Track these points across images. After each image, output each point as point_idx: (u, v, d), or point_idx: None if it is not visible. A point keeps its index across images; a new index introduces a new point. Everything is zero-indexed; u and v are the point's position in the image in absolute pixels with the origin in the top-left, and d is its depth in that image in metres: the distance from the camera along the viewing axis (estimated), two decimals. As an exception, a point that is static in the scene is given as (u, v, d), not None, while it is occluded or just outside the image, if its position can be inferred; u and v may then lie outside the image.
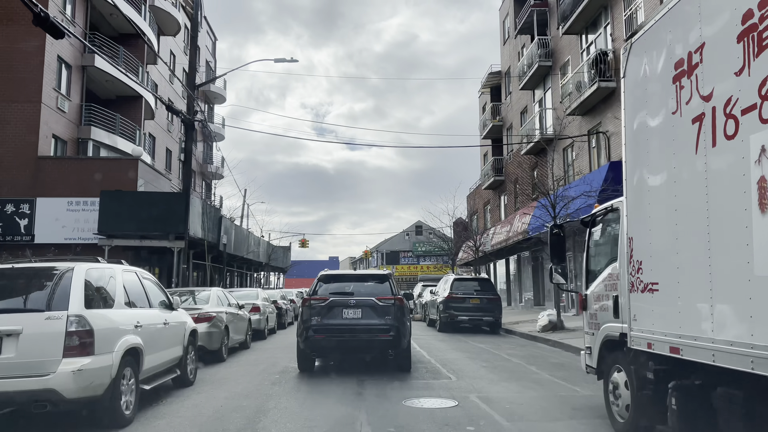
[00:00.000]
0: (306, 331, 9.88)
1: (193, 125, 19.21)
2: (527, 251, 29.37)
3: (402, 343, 9.94)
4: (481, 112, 39.94)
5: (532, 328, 18.89)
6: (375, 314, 9.84)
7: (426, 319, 23.96)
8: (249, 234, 29.49)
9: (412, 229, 78.05)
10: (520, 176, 30.52)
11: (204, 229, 21.18)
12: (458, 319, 19.52)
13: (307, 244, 56.70)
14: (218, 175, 46.98)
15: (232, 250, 25.71)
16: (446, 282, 21.00)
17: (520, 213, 28.35)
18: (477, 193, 39.91)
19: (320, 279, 10.65)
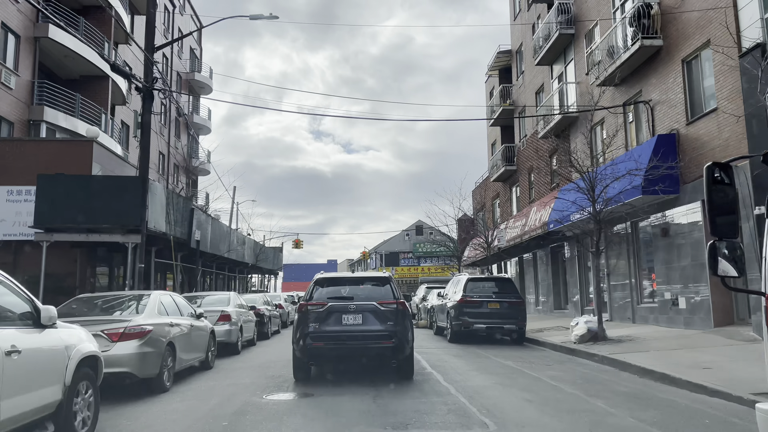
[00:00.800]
0: (303, 338, 9.24)
1: (151, 94, 15.84)
2: (544, 248, 26.01)
3: (405, 350, 9.43)
4: (488, 97, 36.64)
5: (565, 338, 15.55)
6: (377, 320, 9.26)
7: (433, 327, 20.59)
8: (231, 231, 26.11)
9: (412, 229, 74.65)
10: (537, 164, 27.18)
11: (169, 222, 17.79)
12: (474, 328, 16.17)
13: (301, 245, 53.49)
14: (203, 171, 43.62)
15: (209, 248, 22.32)
16: (458, 283, 17.64)
17: (537, 205, 25.03)
18: (484, 186, 36.57)
19: (316, 283, 9.94)
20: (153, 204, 16.47)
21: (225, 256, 24.77)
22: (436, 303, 19.91)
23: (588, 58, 21.20)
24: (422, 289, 28.80)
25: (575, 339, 14.48)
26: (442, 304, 18.46)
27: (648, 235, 17.52)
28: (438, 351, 14.70)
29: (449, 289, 18.73)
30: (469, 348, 15.28)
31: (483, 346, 15.89)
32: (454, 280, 18.56)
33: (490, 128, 35.87)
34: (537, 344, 16.06)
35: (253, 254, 32.24)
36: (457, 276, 18.89)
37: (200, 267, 22.43)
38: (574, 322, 15.83)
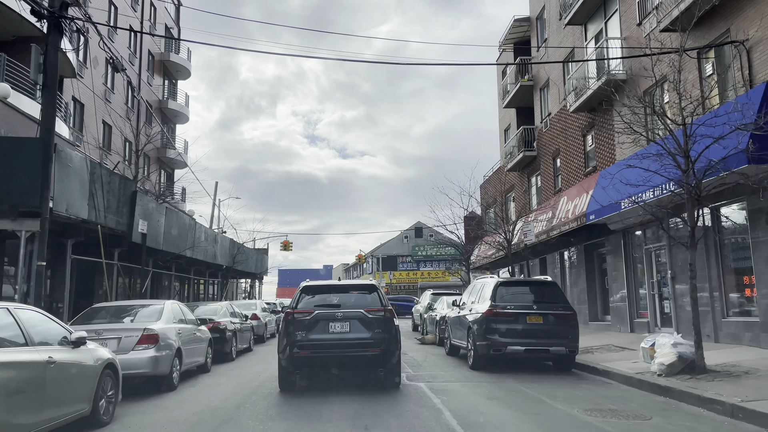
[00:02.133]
0: (289, 347, 9.14)
1: (58, 25, 11.33)
2: (576, 246, 21.53)
3: (392, 359, 9.46)
4: (501, 77, 32.21)
5: (634, 365, 11.10)
6: (364, 327, 9.24)
7: (445, 345, 16.05)
8: (196, 225, 21.56)
9: (411, 231, 70.03)
10: (565, 146, 22.72)
11: (96, 207, 13.27)
12: (508, 351, 11.64)
13: (290, 247, 48.96)
14: (181, 164, 39.10)
15: (162, 244, 17.75)
16: (482, 289, 13.13)
17: (567, 194, 20.58)
18: (496, 178, 32.11)
19: (303, 291, 9.80)
20: (66, 179, 11.96)
21: (186, 255, 20.16)
22: (450, 314, 15.37)
23: (641, 5, 16.79)
24: (427, 296, 24.25)
25: (660, 369, 9.96)
26: (460, 316, 13.92)
27: (737, 224, 13.05)
28: (461, 387, 10.15)
29: (468, 297, 14.22)
30: (504, 380, 10.75)
31: (520, 375, 11.38)
32: (476, 285, 14.03)
33: (504, 110, 31.42)
34: (595, 373, 11.53)
35: (229, 255, 27.63)
36: (479, 279, 14.36)
37: (151, 268, 17.85)
38: (647, 342, 11.34)
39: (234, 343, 15.63)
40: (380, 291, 10.00)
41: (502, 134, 32.67)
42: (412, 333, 25.00)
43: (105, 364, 7.46)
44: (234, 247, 28.84)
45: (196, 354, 12.01)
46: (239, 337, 16.33)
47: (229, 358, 15.21)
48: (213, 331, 14.58)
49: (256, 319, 20.99)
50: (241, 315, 17.63)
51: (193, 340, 11.75)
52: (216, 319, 15.03)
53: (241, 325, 17.08)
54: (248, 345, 17.88)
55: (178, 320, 11.24)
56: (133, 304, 11.40)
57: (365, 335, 9.21)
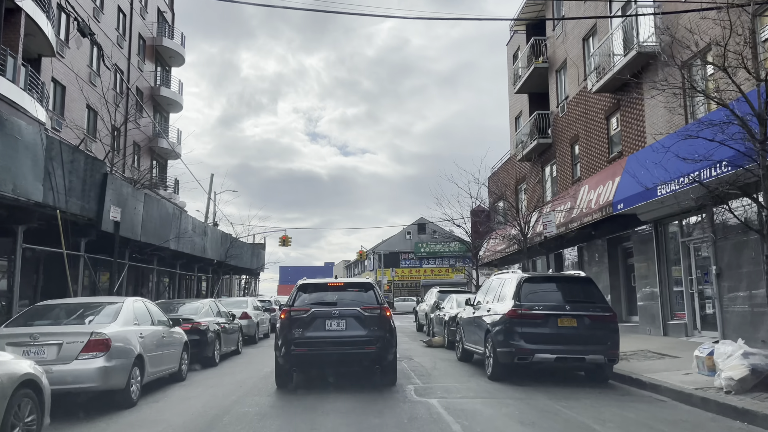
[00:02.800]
0: (286, 344, 9.17)
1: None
2: (598, 239, 19.66)
3: (388, 356, 9.46)
4: (511, 61, 30.30)
5: (686, 378, 9.25)
6: (360, 325, 9.29)
7: (456, 349, 14.16)
8: (181, 215, 19.66)
9: (413, 227, 68.20)
10: (585, 131, 20.82)
11: (54, 189, 11.43)
12: (535, 359, 9.77)
13: (289, 242, 47.06)
14: (174, 154, 37.25)
15: (139, 234, 15.90)
16: (502, 285, 11.25)
17: (588, 183, 18.71)
18: (506, 169, 30.23)
19: (299, 288, 9.86)
20: (13, 154, 10.12)
21: (170, 247, 18.31)
22: (463, 315, 13.48)
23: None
24: (434, 294, 22.38)
25: (728, 385, 8.09)
26: (475, 317, 12.05)
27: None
28: (483, 406, 8.27)
29: (485, 295, 12.34)
30: (533, 396, 8.89)
31: (549, 388, 9.52)
32: (494, 282, 12.15)
33: (515, 97, 29.51)
34: (640, 387, 9.65)
35: (221, 249, 25.78)
36: (497, 275, 12.45)
37: (127, 261, 16.00)
38: (702, 350, 9.50)
39: (218, 345, 13.78)
40: (376, 289, 10.05)
41: (512, 122, 30.76)
42: (417, 334, 23.14)
43: (20, 381, 5.61)
44: (226, 241, 26.97)
45: (166, 361, 10.17)
46: (224, 338, 14.49)
47: (211, 362, 13.37)
48: (192, 332, 12.75)
49: (247, 318, 19.16)
50: (228, 314, 15.78)
51: (161, 344, 9.91)
52: (196, 318, 13.19)
53: (228, 325, 15.25)
54: (236, 347, 16.04)
55: (142, 321, 9.38)
56: (86, 302, 9.57)
57: (361, 333, 9.23)
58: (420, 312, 24.51)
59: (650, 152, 13.70)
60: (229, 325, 15.41)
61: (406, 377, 11.02)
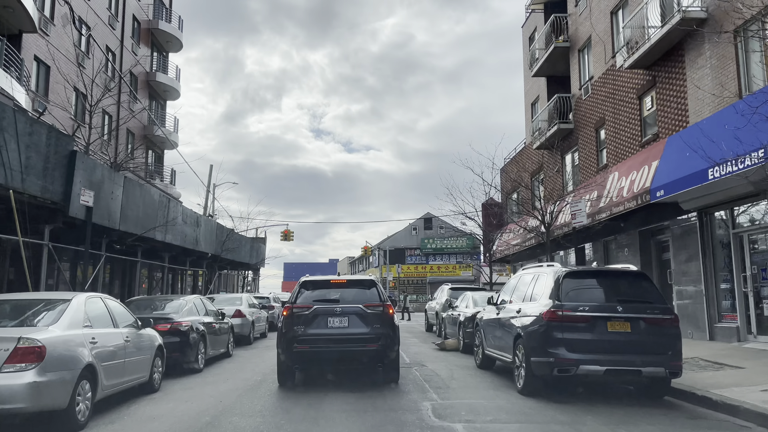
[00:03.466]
0: (288, 341, 9.16)
1: None
2: (626, 232, 17.83)
3: (390, 353, 9.39)
4: (527, 44, 28.44)
5: None
6: (363, 322, 9.23)
7: (475, 355, 12.36)
8: (169, 203, 17.89)
9: (419, 222, 66.38)
10: (613, 113, 18.96)
11: (5, 166, 9.70)
12: (580, 371, 7.97)
13: (291, 237, 45.36)
14: (171, 143, 35.55)
15: (118, 222, 14.17)
16: (535, 281, 9.46)
17: (618, 170, 16.90)
18: (519, 160, 28.38)
19: (302, 285, 9.76)
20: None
21: (155, 237, 16.58)
22: (485, 316, 11.67)
23: None
24: (445, 292, 20.61)
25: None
26: (501, 319, 10.25)
27: None
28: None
29: (512, 293, 10.54)
30: (580, 417, 7.12)
31: (595, 406, 7.76)
32: (523, 278, 10.33)
33: (531, 81, 27.64)
34: (708, 406, 7.84)
35: (216, 242, 24.04)
36: (527, 269, 10.60)
37: (104, 252, 14.27)
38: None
39: (202, 348, 12.04)
40: (379, 286, 9.95)
41: (528, 109, 28.89)
42: (427, 334, 21.36)
43: None
44: (222, 233, 25.22)
45: (132, 370, 8.43)
46: (211, 340, 12.74)
47: (193, 369, 11.64)
48: (171, 334, 11.04)
49: (240, 317, 17.44)
50: (217, 312, 14.04)
51: (125, 350, 8.17)
52: (177, 318, 11.44)
53: (216, 325, 13.53)
54: (225, 349, 14.31)
55: (97, 323, 7.64)
56: (25, 299, 7.80)
57: (364, 330, 9.19)
58: (429, 310, 22.73)
59: (696, 132, 11.93)
60: (218, 325, 13.67)
61: (419, 390, 9.27)
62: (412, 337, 19.86)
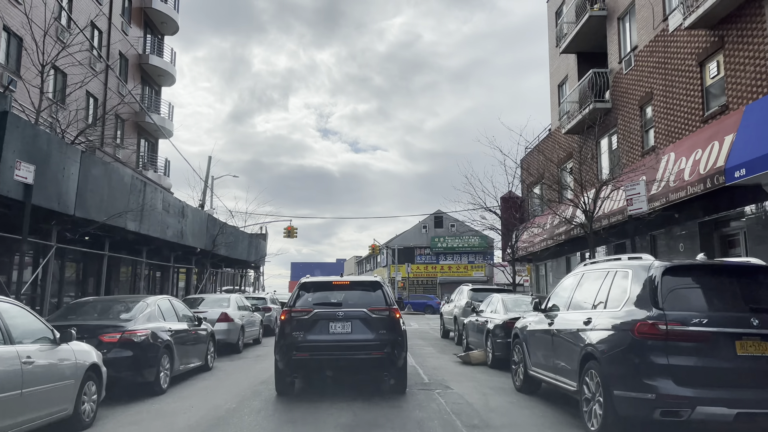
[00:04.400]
0: (286, 349, 8.51)
1: None
2: (681, 224, 15.11)
3: (398, 362, 8.70)
4: (554, 19, 25.74)
5: None
6: (367, 328, 8.56)
7: (514, 375, 9.68)
8: (145, 188, 15.29)
9: (430, 220, 63.69)
10: (664, 85, 16.22)
11: None
12: (698, 414, 5.30)
13: (294, 233, 42.84)
14: (166, 132, 33.09)
15: (73, 207, 11.62)
16: (611, 279, 6.76)
17: (675, 150, 14.24)
18: (544, 148, 25.65)
19: (301, 287, 9.13)
20: None
21: (127, 227, 14.01)
22: (528, 326, 8.99)
23: None
24: (465, 294, 17.95)
25: None
26: (555, 330, 7.59)
27: None
28: None
29: (569, 296, 7.87)
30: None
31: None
32: (587, 274, 7.64)
33: (559, 59, 24.92)
34: None
35: (207, 236, 21.49)
36: (594, 265, 7.87)
37: (54, 243, 11.69)
38: None
39: (166, 363, 9.46)
40: (385, 288, 9.31)
41: (554, 91, 26.16)
42: (444, 342, 18.67)
43: None
44: (214, 226, 22.65)
45: (35, 404, 5.84)
46: (181, 351, 10.16)
47: (154, 390, 9.06)
48: (121, 347, 8.50)
49: (227, 321, 14.88)
50: (192, 317, 11.46)
51: (21, 378, 5.57)
52: (131, 326, 8.86)
53: (192, 333, 10.97)
54: (203, 361, 11.73)
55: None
56: None
57: (368, 336, 8.54)
58: (446, 314, 20.05)
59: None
60: (193, 332, 11.10)
61: (449, 429, 6.65)
62: (427, 346, 17.21)
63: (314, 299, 8.93)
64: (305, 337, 8.47)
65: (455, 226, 62.30)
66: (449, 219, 62.41)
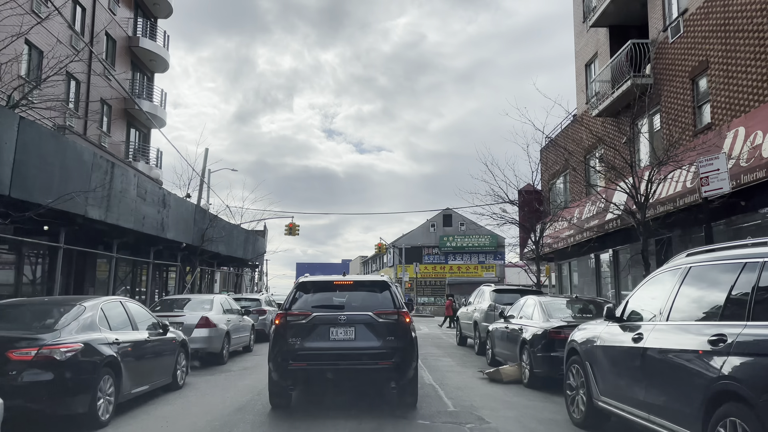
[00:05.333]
0: (281, 357, 7.61)
1: None
2: (744, 216, 12.69)
3: (408, 372, 7.72)
4: (581, -9, 23.33)
5: None
6: (373, 334, 7.67)
7: (572, 405, 7.28)
8: (113, 169, 12.88)
9: (438, 218, 61.28)
10: (724, 51, 13.78)
11: None
12: None
13: (297, 231, 40.57)
14: (158, 121, 30.85)
15: (9, 186, 9.32)
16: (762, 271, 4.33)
17: (744, 124, 11.84)
18: (568, 135, 23.24)
19: (299, 288, 8.27)
20: None
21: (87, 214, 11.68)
22: (599, 341, 6.55)
23: None
24: (487, 296, 15.56)
25: None
26: (651, 350, 5.19)
27: None
28: None
29: (672, 297, 5.45)
30: None
31: None
32: (712, 264, 5.20)
33: (586, 36, 22.51)
34: None
35: (195, 230, 19.17)
36: (704, 255, 5.56)
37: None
38: None
39: (108, 387, 7.12)
40: (394, 289, 8.23)
41: (580, 72, 23.73)
42: (463, 351, 16.24)
43: None
44: (204, 220, 20.31)
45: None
46: (133, 370, 7.82)
47: (88, 424, 6.73)
48: (38, 367, 6.19)
49: (207, 327, 12.55)
50: (156, 324, 9.12)
51: None
52: (51, 340, 6.52)
53: (153, 344, 8.65)
54: (170, 379, 9.39)
55: None
56: None
57: (375, 344, 7.61)
58: (464, 319, 17.61)
59: None
60: (155, 343, 8.77)
61: None
62: (444, 356, 14.81)
63: (313, 301, 8.04)
64: (303, 344, 7.58)
65: (465, 225, 59.90)
66: (458, 217, 60.01)
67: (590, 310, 10.35)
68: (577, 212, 20.47)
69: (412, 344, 7.75)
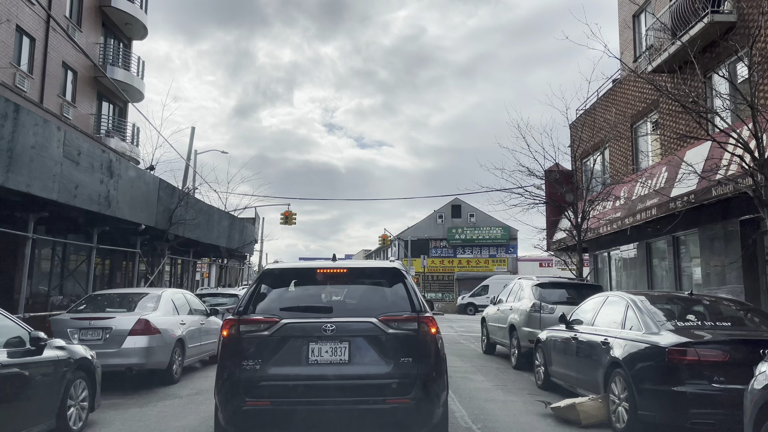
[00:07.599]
0: (230, 391, 4.88)
1: None
2: None
3: (434, 414, 4.93)
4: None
5: None
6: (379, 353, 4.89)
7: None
8: (17, 114, 9.34)
9: (446, 209, 57.65)
10: None
11: None
12: None
13: (293, 220, 37.18)
14: (134, 92, 27.31)
15: None
16: None
17: None
18: (609, 101, 19.57)
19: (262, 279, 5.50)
20: None
21: None
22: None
23: None
24: (528, 290, 11.78)
25: None
26: None
27: None
28: None
29: None
30: None
31: None
32: None
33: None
34: None
35: (158, 209, 15.56)
36: None
37: None
38: None
39: None
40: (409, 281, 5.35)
41: (623, 28, 20.01)
42: (493, 363, 12.55)
43: None
44: (171, 197, 16.69)
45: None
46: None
47: None
48: None
49: (148, 334, 8.97)
50: (18, 341, 5.55)
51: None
52: None
53: (21, 369, 5.07)
54: (52, 422, 5.84)
55: None
56: None
57: (381, 369, 4.82)
58: (492, 321, 13.86)
59: None
60: (14, 372, 5.19)
61: None
62: (473, 372, 11.14)
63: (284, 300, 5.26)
64: (265, 371, 4.84)
65: (475, 216, 56.28)
66: (468, 208, 56.39)
67: (723, 315, 6.70)
68: (625, 190, 16.85)
69: (440, 368, 5.01)
